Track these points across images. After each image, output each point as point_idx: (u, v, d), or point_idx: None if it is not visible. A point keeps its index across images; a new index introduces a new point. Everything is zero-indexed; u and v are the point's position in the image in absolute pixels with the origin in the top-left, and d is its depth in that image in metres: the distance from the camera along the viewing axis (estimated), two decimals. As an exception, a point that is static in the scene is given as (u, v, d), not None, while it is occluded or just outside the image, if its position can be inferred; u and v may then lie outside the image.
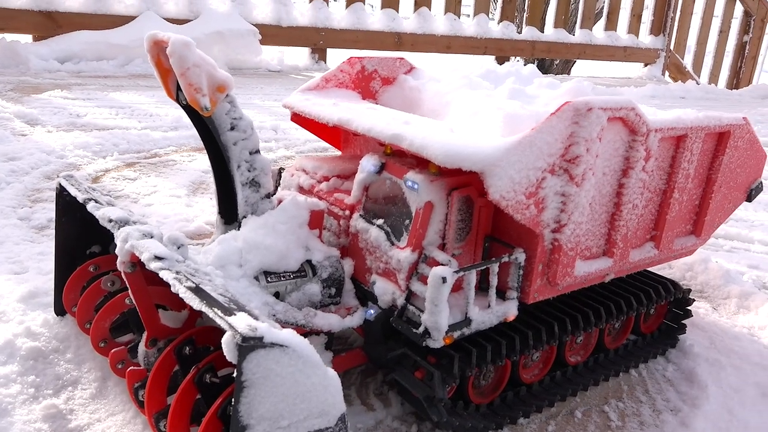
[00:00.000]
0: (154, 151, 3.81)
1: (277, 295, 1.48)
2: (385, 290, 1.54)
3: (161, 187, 3.13)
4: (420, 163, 1.57)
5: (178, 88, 1.46)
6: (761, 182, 2.16)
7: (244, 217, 1.55)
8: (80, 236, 1.75)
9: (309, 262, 1.55)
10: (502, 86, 1.89)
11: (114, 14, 6.99)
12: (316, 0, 8.10)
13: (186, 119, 1.65)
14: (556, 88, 1.94)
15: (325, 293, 1.56)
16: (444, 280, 1.36)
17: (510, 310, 1.55)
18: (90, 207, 1.50)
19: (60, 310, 1.79)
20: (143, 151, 3.78)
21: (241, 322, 1.02)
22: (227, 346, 1.00)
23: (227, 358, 1.00)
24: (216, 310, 1.07)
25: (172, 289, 1.17)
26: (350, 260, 1.66)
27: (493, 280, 1.50)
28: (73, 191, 1.60)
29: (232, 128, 1.48)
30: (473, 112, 1.76)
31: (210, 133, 1.49)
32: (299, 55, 8.41)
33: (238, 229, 1.54)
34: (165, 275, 1.19)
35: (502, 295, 1.56)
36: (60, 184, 1.67)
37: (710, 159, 1.89)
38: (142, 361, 1.45)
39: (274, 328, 1.04)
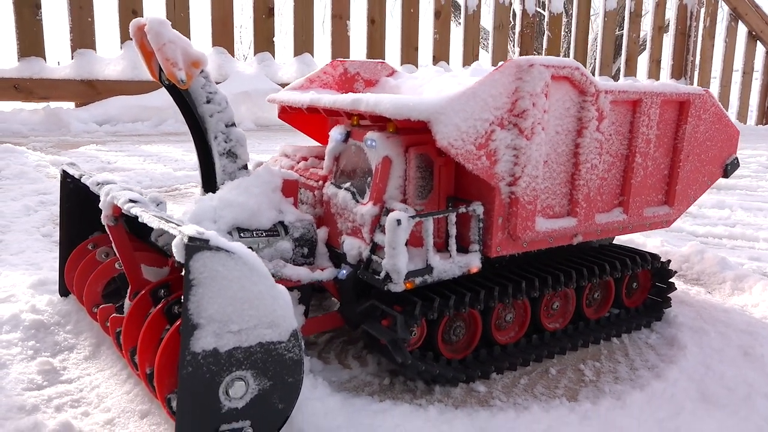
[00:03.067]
0: (175, 186, 4.04)
1: (250, 250, 1.59)
2: (352, 246, 1.64)
3: (175, 212, 3.31)
4: (381, 129, 1.69)
5: (161, 69, 1.64)
6: (737, 158, 2.21)
7: (222, 184, 1.69)
8: (83, 221, 1.90)
9: (281, 222, 1.66)
10: (468, 69, 2.02)
11: (149, 80, 7.47)
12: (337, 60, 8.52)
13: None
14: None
15: (297, 252, 1.66)
16: (399, 222, 1.46)
17: (472, 261, 1.62)
18: (84, 179, 1.66)
19: (64, 291, 1.93)
20: (164, 186, 4.01)
21: (190, 228, 1.14)
22: (176, 247, 1.11)
23: (176, 258, 1.11)
24: (172, 225, 1.19)
25: (139, 219, 1.29)
26: (325, 228, 1.77)
27: (452, 230, 1.58)
28: (72, 171, 1.77)
29: (208, 101, 1.64)
30: (438, 90, 1.89)
31: (189, 108, 1.65)
32: (324, 112, 8.75)
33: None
34: (135, 211, 1.32)
35: (465, 250, 1.64)
36: (63, 170, 1.85)
37: (674, 128, 1.96)
38: (125, 313, 1.56)
39: (222, 238, 1.16)
